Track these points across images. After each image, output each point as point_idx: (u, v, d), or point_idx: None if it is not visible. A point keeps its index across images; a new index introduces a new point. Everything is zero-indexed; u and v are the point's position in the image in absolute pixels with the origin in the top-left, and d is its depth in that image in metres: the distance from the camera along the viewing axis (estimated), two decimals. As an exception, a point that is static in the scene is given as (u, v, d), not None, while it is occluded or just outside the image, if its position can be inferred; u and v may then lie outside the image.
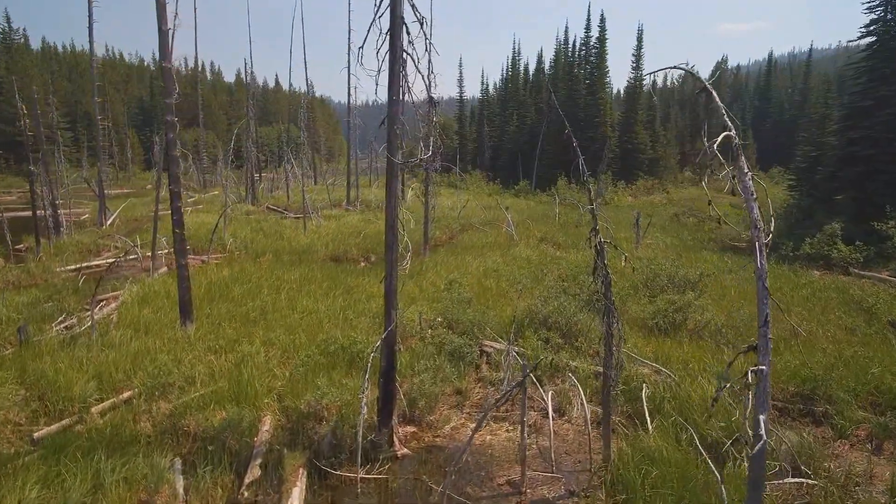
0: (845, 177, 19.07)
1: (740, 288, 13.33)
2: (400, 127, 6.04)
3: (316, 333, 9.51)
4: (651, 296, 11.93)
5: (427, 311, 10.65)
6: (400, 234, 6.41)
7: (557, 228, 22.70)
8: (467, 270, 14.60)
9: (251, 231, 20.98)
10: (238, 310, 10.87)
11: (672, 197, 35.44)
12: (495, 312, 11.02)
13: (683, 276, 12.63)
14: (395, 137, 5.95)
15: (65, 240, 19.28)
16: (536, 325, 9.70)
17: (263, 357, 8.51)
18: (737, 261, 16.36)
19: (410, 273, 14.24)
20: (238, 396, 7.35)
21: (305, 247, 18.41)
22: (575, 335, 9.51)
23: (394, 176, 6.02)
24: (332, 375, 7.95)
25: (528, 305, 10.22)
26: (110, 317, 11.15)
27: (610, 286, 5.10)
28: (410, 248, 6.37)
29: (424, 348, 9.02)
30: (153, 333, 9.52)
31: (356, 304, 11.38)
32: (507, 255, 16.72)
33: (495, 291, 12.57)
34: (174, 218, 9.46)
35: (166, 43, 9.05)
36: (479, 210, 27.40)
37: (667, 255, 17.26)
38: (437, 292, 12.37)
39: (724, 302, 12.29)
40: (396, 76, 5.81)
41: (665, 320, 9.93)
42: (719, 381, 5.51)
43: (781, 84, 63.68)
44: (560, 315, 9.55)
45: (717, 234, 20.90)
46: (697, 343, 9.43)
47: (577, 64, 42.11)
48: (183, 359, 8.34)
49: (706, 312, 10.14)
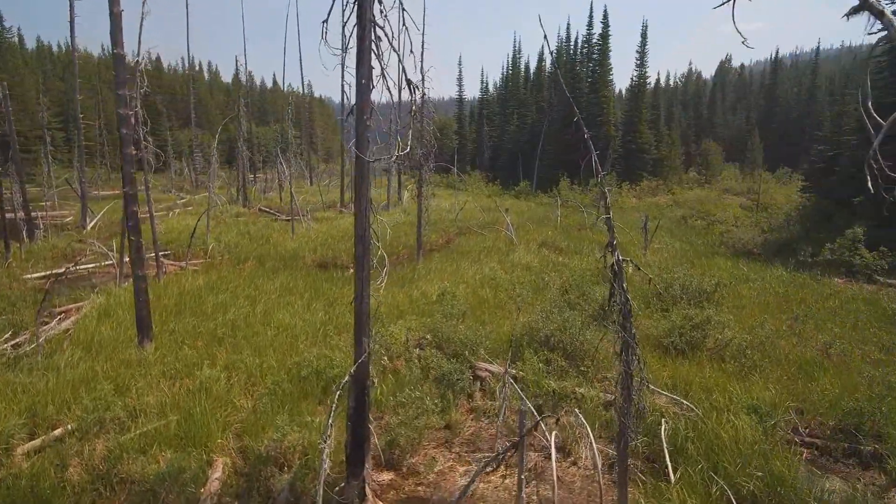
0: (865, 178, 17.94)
1: (760, 299, 12.24)
2: (371, 118, 4.96)
3: (288, 354, 8.44)
4: (664, 308, 10.85)
5: (416, 327, 9.57)
6: (374, 245, 5.33)
7: (559, 232, 21.61)
8: (463, 278, 13.53)
9: (237, 234, 19.91)
10: (206, 325, 9.79)
11: (678, 198, 34.32)
12: (492, 327, 9.95)
13: (698, 285, 11.55)
14: (365, 129, 4.87)
15: (39, 244, 18.23)
16: (537, 345, 8.62)
17: (224, 384, 7.43)
18: (753, 267, 15.26)
19: (401, 281, 13.18)
20: (188, 435, 6.28)
21: (292, 252, 17.34)
22: (580, 356, 8.43)
23: (363, 176, 4.95)
24: (300, 407, 6.88)
25: (528, 322, 9.14)
26: (68, 332, 10.08)
27: (630, 317, 4.02)
28: (387, 262, 5.25)
29: (410, 372, 7.95)
30: (106, 354, 8.45)
31: (338, 318, 10.30)
32: (505, 262, 15.64)
33: (492, 303, 11.49)
34: (128, 224, 8.40)
35: (118, 27, 8.00)
36: (478, 212, 26.32)
37: (677, 260, 16.17)
38: (428, 304, 11.29)
39: (742, 314, 11.21)
40: (365, 54, 4.74)
41: (682, 339, 8.83)
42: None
43: (787, 84, 62.47)
44: (563, 333, 8.46)
45: (728, 237, 19.80)
46: (720, 366, 8.33)
47: (578, 62, 41.02)
48: (132, 386, 7.28)
49: (727, 330, 9.04)
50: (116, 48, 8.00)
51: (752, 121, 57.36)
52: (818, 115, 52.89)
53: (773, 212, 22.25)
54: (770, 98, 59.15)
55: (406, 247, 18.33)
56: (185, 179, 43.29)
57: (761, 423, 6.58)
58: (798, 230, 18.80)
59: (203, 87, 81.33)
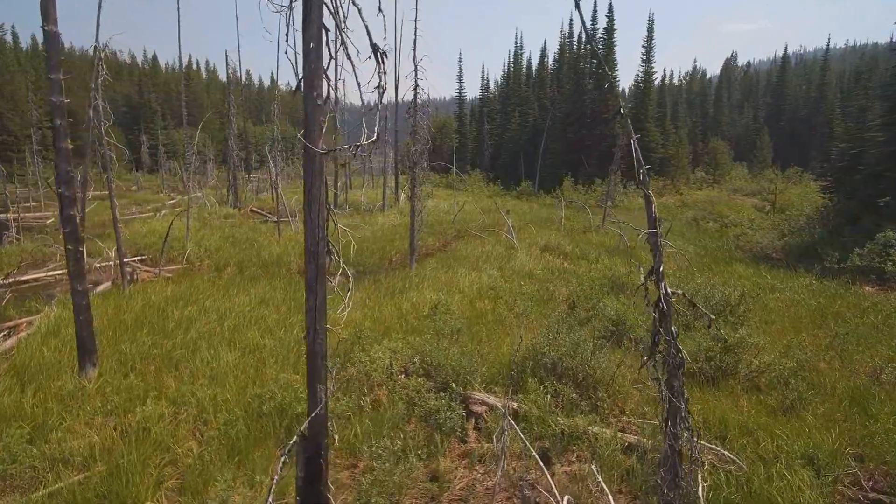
0: (893, 177, 16.68)
1: (790, 312, 10.98)
2: (327, 99, 3.74)
3: (251, 383, 7.21)
4: (685, 325, 9.60)
5: (402, 349, 8.33)
6: (335, 261, 4.12)
7: (563, 235, 20.37)
8: (459, 288, 12.30)
9: (220, 238, 18.71)
10: (164, 344, 8.57)
11: (686, 199, 33.02)
12: (490, 347, 8.73)
13: (722, 297, 10.32)
14: (317, 111, 3.65)
15: (6, 248, 17.05)
16: (542, 372, 7.38)
17: (169, 423, 6.22)
18: (776, 275, 13.99)
19: (391, 291, 11.96)
20: (111, 493, 5.06)
21: (276, 257, 16.13)
22: (593, 385, 7.19)
23: (314, 174, 3.72)
24: (253, 456, 5.65)
25: (532, 343, 7.90)
26: (11, 352, 8.87)
27: (680, 371, 2.79)
28: (352, 284, 3.98)
29: (393, 406, 6.72)
30: (40, 383, 7.23)
31: (316, 336, 9.06)
32: (506, 268, 14.41)
33: (491, 318, 10.26)
34: (65, 230, 7.19)
35: (51, 1, 6.78)
36: (478, 213, 25.07)
37: (693, 266, 14.92)
38: (419, 318, 10.07)
39: (772, 330, 9.98)
40: (314, 9, 3.51)
41: (711, 364, 7.59)
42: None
43: (794, 81, 61.08)
44: (573, 359, 7.22)
45: (744, 241, 18.53)
46: (758, 398, 7.08)
47: (582, 57, 39.72)
48: (56, 426, 6.07)
49: (765, 354, 7.79)
50: (48, 24, 6.79)
51: (759, 119, 56.01)
52: (829, 113, 51.60)
53: (790, 213, 20.95)
54: (778, 96, 57.79)
55: (399, 251, 17.11)
56: (178, 179, 42.08)
57: (819, 476, 5.36)
58: (820, 233, 17.52)
59: (200, 86, 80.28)
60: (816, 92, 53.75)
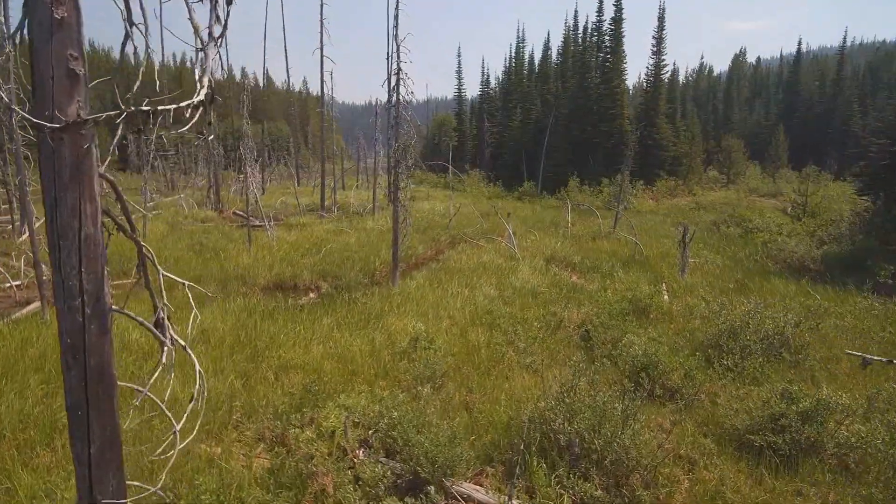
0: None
1: (854, 345, 8.87)
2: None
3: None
4: (734, 368, 7.52)
5: (366, 405, 6.28)
6: (170, 339, 2.07)
7: (570, 242, 18.29)
8: (448, 311, 10.26)
9: (186, 246, 16.65)
10: (38, 407, 6.40)
11: (699, 200, 30.89)
12: (483, 400, 6.69)
13: (775, 328, 8.26)
14: (54, 39, 1.59)
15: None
16: (555, 452, 5.32)
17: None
18: (824, 293, 11.89)
19: (365, 317, 9.91)
20: None
21: (245, 269, 14.07)
22: (626, 471, 5.12)
23: (62, 173, 1.66)
24: None
25: (538, 408, 5.84)
26: None
27: None
28: (204, 384, 1.82)
29: (339, 508, 4.67)
30: None
31: (255, 387, 7.00)
32: (505, 284, 12.35)
33: (485, 355, 8.19)
34: None
35: None
36: (476, 217, 23.01)
37: (724, 282, 12.83)
38: (395, 355, 8.02)
39: (839, 371, 7.92)
40: None
41: (784, 438, 5.50)
42: None
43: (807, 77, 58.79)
44: (596, 434, 5.16)
45: (775, 249, 16.39)
46: (853, 488, 4.99)
47: (589, 50, 37.57)
48: None
49: (857, 422, 5.71)
50: None
51: (772, 116, 53.79)
52: (845, 109, 49.36)
53: (826, 217, 18.82)
54: (791, 92, 55.53)
55: (385, 262, 15.07)
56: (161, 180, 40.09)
57: None
58: (865, 241, 15.41)
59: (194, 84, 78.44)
60: (832, 88, 51.50)
